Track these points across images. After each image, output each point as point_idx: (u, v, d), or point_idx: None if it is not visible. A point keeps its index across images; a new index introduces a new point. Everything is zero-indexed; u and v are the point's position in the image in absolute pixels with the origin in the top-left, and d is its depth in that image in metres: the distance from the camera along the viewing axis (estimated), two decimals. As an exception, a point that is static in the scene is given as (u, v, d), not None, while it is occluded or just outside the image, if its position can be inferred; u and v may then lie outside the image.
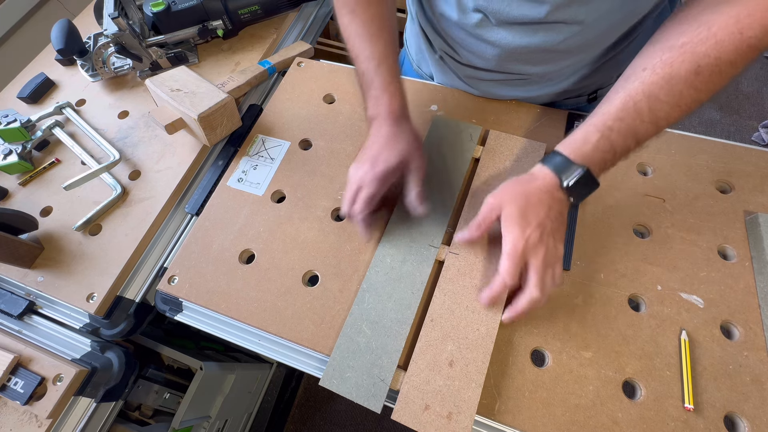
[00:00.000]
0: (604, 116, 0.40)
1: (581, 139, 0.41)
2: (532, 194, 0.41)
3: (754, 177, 0.52)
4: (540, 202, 0.41)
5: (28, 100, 0.72)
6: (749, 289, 0.45)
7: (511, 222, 0.41)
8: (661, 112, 0.38)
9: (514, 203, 0.41)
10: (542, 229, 0.41)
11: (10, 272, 0.55)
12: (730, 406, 0.40)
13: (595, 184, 0.42)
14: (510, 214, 0.41)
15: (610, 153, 0.40)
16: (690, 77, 0.36)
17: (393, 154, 0.46)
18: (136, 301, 0.55)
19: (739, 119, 1.76)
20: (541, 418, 0.41)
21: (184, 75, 0.61)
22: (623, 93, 0.39)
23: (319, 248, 0.52)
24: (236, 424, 0.99)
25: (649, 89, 0.37)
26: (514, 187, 0.43)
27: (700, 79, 0.36)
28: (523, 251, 0.40)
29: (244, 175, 0.59)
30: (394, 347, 0.44)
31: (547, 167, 0.42)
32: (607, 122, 0.39)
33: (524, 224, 0.40)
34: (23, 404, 0.46)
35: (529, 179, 0.43)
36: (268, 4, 0.75)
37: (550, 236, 0.41)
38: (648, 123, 0.38)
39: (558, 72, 0.54)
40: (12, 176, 0.64)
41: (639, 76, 0.38)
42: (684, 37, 0.36)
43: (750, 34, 0.33)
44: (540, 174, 0.42)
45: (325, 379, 0.43)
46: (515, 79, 0.57)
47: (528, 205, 0.41)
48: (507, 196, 0.42)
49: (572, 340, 0.44)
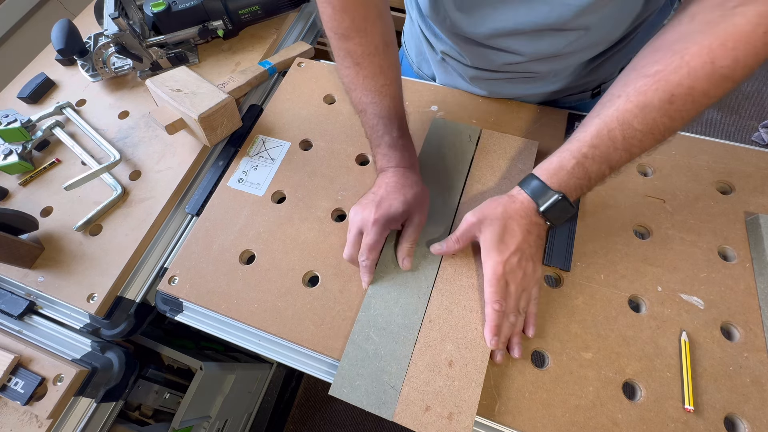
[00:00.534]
0: (579, 143, 0.40)
1: (557, 165, 0.41)
2: (512, 218, 0.43)
3: (755, 177, 0.52)
4: (519, 226, 0.42)
5: (29, 100, 0.72)
6: (749, 290, 0.45)
7: (491, 247, 0.42)
8: (634, 140, 0.38)
9: (493, 228, 0.42)
10: (521, 254, 0.42)
11: (10, 272, 0.55)
12: (730, 407, 0.40)
13: (571, 209, 0.42)
14: (489, 239, 0.42)
15: (585, 179, 0.41)
16: (664, 106, 0.35)
17: (398, 202, 0.45)
18: (137, 302, 0.55)
19: (739, 119, 1.76)
20: (541, 419, 0.41)
21: (185, 75, 0.61)
22: (598, 120, 0.39)
23: (320, 249, 0.52)
24: (236, 424, 0.99)
25: (623, 116, 0.37)
26: (495, 208, 0.43)
27: (674, 108, 0.35)
28: (502, 275, 0.42)
29: (244, 176, 0.59)
30: (403, 353, 0.43)
31: (524, 191, 0.43)
32: (582, 149, 0.40)
33: (503, 249, 0.42)
34: (23, 404, 0.46)
35: (509, 201, 0.43)
36: (269, 4, 0.75)
37: (529, 260, 0.43)
38: (622, 150, 0.38)
39: (564, 68, 0.55)
40: (12, 176, 0.64)
41: (614, 103, 0.38)
42: (658, 65, 0.36)
43: (722, 63, 0.32)
44: (519, 197, 0.43)
45: (335, 388, 0.42)
46: (521, 78, 0.57)
47: (506, 230, 0.42)
48: (486, 219, 0.43)
49: (572, 341, 0.44)
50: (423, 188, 0.49)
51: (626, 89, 0.38)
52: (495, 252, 0.42)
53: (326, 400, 1.29)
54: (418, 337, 0.44)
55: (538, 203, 0.42)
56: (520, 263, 0.42)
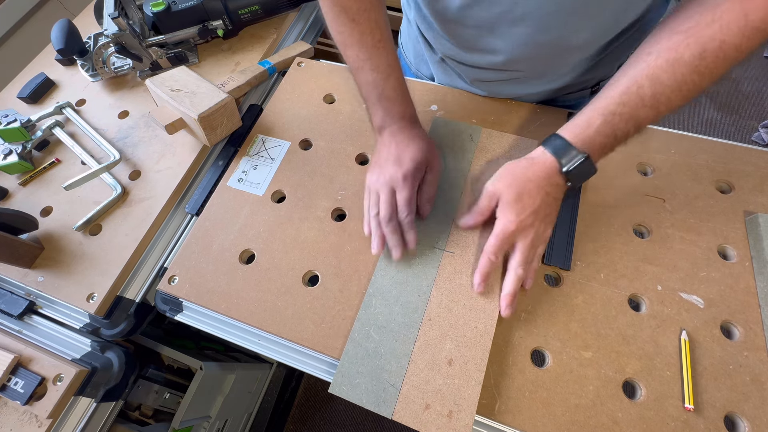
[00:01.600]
0: (607, 100, 0.40)
1: (584, 124, 0.41)
2: (530, 180, 0.43)
3: (754, 177, 0.52)
4: (537, 188, 0.42)
5: (28, 100, 0.72)
6: (749, 289, 0.45)
7: (507, 207, 0.43)
8: (662, 97, 0.38)
9: (511, 189, 0.43)
10: (535, 215, 0.43)
11: (10, 272, 0.55)
12: (730, 406, 0.40)
13: (593, 170, 0.42)
14: (507, 200, 0.43)
15: (611, 138, 0.41)
16: (695, 61, 0.36)
17: (418, 152, 0.46)
18: (137, 301, 0.55)
19: (739, 119, 1.76)
20: (542, 418, 0.41)
21: (184, 75, 0.61)
22: (627, 78, 0.39)
23: (320, 248, 0.52)
24: (236, 424, 0.99)
25: (653, 73, 0.38)
26: (513, 171, 0.44)
27: (705, 64, 0.36)
28: (512, 233, 0.42)
29: (244, 175, 0.59)
30: (403, 351, 0.44)
31: (547, 150, 0.43)
32: (609, 107, 0.40)
33: (519, 209, 0.42)
34: (23, 404, 0.46)
35: (528, 164, 0.44)
36: (268, 4, 0.75)
37: (542, 222, 0.43)
38: (649, 108, 0.39)
39: (563, 64, 0.54)
40: (12, 176, 0.64)
41: (644, 60, 0.39)
42: (690, 22, 0.36)
43: (755, 17, 0.33)
44: (539, 158, 0.43)
45: (335, 386, 0.42)
46: (521, 77, 0.56)
47: (524, 191, 0.42)
48: (505, 183, 0.44)
49: (572, 340, 0.44)
50: (428, 137, 0.50)
51: (657, 46, 0.38)
52: (510, 211, 0.42)
53: (326, 400, 1.29)
54: (418, 336, 0.44)
55: (562, 163, 0.42)
56: (533, 224, 0.43)
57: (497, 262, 0.43)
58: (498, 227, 0.43)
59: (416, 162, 0.46)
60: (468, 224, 0.48)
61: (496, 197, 0.44)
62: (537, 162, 0.43)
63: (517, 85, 0.59)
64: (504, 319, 0.45)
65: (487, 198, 0.45)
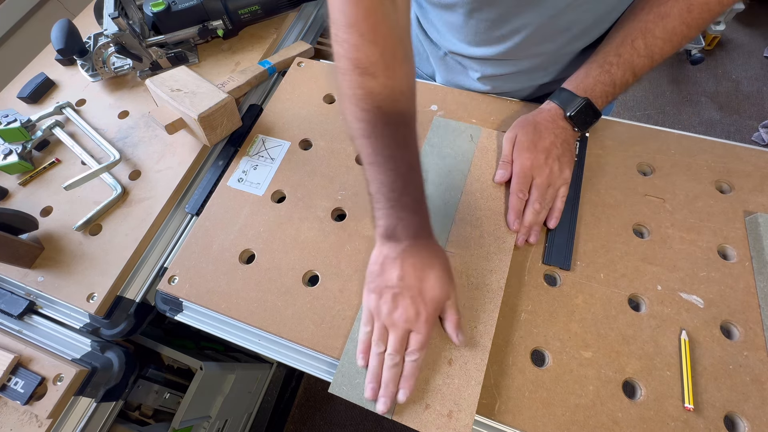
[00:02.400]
0: (604, 53, 0.47)
1: (583, 74, 0.48)
2: (540, 123, 0.50)
3: (754, 177, 0.52)
4: (546, 129, 0.49)
5: (28, 100, 0.72)
6: (749, 289, 0.45)
7: (521, 148, 0.50)
8: (655, 47, 0.44)
9: (524, 132, 0.50)
10: (547, 153, 0.48)
11: (10, 272, 0.55)
12: (730, 405, 0.40)
13: (597, 115, 0.49)
14: (520, 141, 0.50)
15: (610, 85, 0.47)
16: (683, 14, 0.42)
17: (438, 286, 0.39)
18: (137, 301, 0.55)
19: (739, 119, 1.76)
20: (542, 418, 0.41)
21: (184, 75, 0.61)
22: (621, 32, 0.45)
23: (319, 248, 0.52)
24: (236, 424, 0.99)
25: (645, 27, 0.44)
26: (525, 118, 0.52)
27: (692, 16, 0.42)
28: (529, 169, 0.48)
29: (244, 175, 0.59)
30: None
31: (553, 101, 0.51)
32: (606, 57, 0.46)
33: (532, 148, 0.49)
34: (23, 404, 0.46)
35: (537, 112, 0.52)
36: (268, 4, 0.75)
37: (555, 160, 0.49)
38: (644, 57, 0.45)
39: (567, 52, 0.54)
40: (12, 176, 0.64)
41: (636, 16, 0.44)
42: None
43: None
44: (546, 107, 0.51)
45: (335, 386, 0.42)
46: (524, 69, 0.56)
47: (535, 133, 0.49)
48: (519, 127, 0.51)
49: (572, 340, 0.44)
50: (445, 254, 0.43)
51: (648, 3, 0.44)
52: (525, 151, 0.49)
53: (326, 400, 1.29)
54: (418, 336, 0.44)
55: (566, 109, 0.49)
56: (547, 161, 0.48)
57: (524, 197, 0.48)
58: (516, 167, 0.49)
59: (438, 302, 0.40)
60: (503, 177, 0.51)
61: (513, 141, 0.51)
62: (544, 110, 0.51)
63: (522, 78, 0.58)
64: (504, 320, 0.45)
65: (508, 143, 0.51)
